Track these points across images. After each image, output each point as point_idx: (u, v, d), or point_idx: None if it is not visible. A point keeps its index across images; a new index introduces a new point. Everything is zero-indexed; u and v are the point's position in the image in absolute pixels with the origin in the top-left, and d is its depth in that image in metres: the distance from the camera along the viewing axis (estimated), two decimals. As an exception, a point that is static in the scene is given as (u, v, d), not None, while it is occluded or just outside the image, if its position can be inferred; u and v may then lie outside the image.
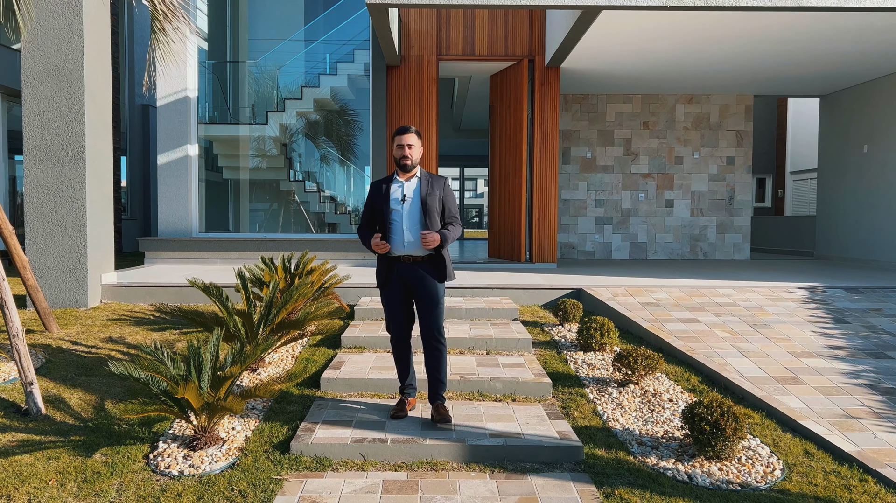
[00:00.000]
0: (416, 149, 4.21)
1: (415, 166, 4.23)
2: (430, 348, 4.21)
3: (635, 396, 4.80)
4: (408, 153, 4.18)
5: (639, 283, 8.13)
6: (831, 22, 7.96)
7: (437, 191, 4.19)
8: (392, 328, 4.33)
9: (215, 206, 11.85)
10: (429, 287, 4.17)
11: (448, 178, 4.35)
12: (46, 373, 5.04)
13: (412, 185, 4.21)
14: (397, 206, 4.16)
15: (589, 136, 12.45)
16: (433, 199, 4.17)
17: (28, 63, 7.11)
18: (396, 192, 4.21)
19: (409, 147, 4.17)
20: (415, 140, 4.20)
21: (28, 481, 3.42)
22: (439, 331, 4.19)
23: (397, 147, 4.21)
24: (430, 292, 4.18)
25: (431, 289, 4.18)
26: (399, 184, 4.23)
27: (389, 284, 4.24)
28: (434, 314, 4.17)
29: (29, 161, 7.14)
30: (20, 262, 5.90)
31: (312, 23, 12.28)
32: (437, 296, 4.19)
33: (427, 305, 4.18)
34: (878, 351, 5.64)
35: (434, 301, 4.18)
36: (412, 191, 4.19)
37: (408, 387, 4.42)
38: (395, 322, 4.29)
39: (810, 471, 3.66)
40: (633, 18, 7.87)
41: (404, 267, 4.18)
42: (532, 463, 3.77)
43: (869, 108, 11.43)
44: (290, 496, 3.32)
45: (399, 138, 4.19)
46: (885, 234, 11.02)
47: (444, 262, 4.18)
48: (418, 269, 4.17)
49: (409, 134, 4.20)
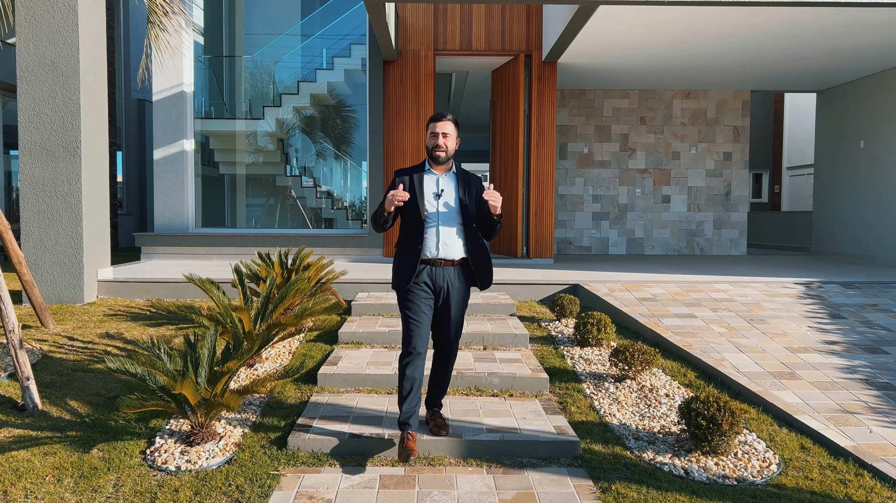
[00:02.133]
0: (451, 139, 3.73)
1: (450, 158, 3.76)
2: (444, 358, 3.91)
3: (632, 391, 4.81)
4: (442, 143, 3.69)
5: (636, 279, 8.14)
6: (829, 17, 7.96)
7: (473, 188, 3.77)
8: (415, 340, 3.67)
9: (212, 202, 11.83)
10: (461, 293, 3.78)
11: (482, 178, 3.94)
12: (43, 369, 5.03)
13: (449, 181, 3.75)
14: (432, 203, 3.69)
15: (586, 132, 12.44)
16: (469, 196, 3.74)
17: (23, 58, 7.08)
18: (431, 185, 3.72)
19: (444, 136, 3.69)
20: (451, 129, 3.72)
21: (25, 477, 3.42)
22: (458, 339, 3.90)
23: (431, 135, 3.72)
24: (462, 299, 3.79)
25: (463, 296, 3.80)
26: (433, 176, 3.75)
27: (416, 287, 3.72)
28: (460, 322, 3.83)
29: (24, 156, 7.11)
30: (16, 258, 5.89)
31: (309, 17, 12.25)
32: (466, 302, 3.84)
33: (455, 313, 3.79)
34: (873, 346, 5.66)
35: (463, 309, 3.82)
36: (449, 186, 3.74)
37: (411, 418, 3.72)
38: (421, 333, 3.69)
39: (806, 465, 3.67)
40: (630, 13, 7.86)
41: (437, 271, 3.72)
42: (529, 458, 3.78)
43: (866, 104, 11.44)
44: (288, 491, 3.33)
45: (433, 125, 3.71)
46: (881, 230, 11.05)
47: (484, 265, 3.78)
48: (452, 274, 3.74)
49: (444, 121, 3.70)
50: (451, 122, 3.71)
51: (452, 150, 3.74)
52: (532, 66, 10.25)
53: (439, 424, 3.91)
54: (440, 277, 3.71)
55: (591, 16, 7.81)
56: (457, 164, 3.84)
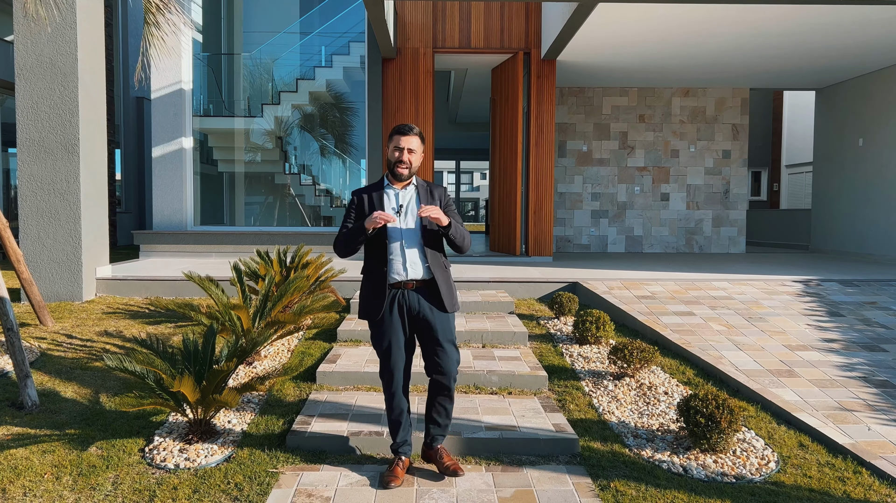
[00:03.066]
0: (416, 155, 3.39)
1: (413, 174, 3.44)
2: (441, 390, 3.44)
3: (631, 389, 4.81)
4: (406, 159, 3.35)
5: (634, 277, 8.14)
6: (828, 15, 7.96)
7: (436, 199, 3.43)
8: (392, 374, 3.43)
9: (210, 200, 11.82)
10: (441, 318, 3.37)
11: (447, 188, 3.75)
12: (41, 367, 5.03)
13: (409, 195, 3.42)
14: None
15: (585, 130, 12.44)
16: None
17: (21, 55, 7.06)
18: (390, 202, 3.41)
19: (409, 152, 3.35)
20: (417, 144, 3.37)
21: (23, 475, 3.42)
22: (453, 377, 3.41)
23: (394, 149, 3.36)
24: (444, 325, 3.37)
25: (444, 321, 3.38)
26: (392, 191, 3.43)
27: (387, 316, 3.37)
28: (450, 348, 3.38)
29: (23, 154, 7.10)
30: (14, 256, 5.88)
31: (307, 15, 12.24)
32: (451, 328, 3.41)
33: (440, 342, 3.35)
34: (872, 344, 5.66)
35: (449, 336, 3.39)
36: (410, 201, 3.41)
37: (403, 446, 3.52)
38: (395, 367, 3.42)
39: (805, 463, 3.68)
40: (628, 11, 7.85)
41: (408, 295, 3.37)
42: (528, 455, 3.78)
43: (864, 102, 11.44)
44: (286, 489, 3.32)
45: (398, 139, 3.35)
46: (879, 228, 11.06)
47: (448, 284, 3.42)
48: (425, 298, 3.38)
49: (410, 136, 3.35)
50: (418, 136, 3.38)
51: (416, 166, 3.42)
52: (531, 64, 10.24)
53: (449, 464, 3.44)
54: (413, 301, 3.37)
55: (589, 13, 7.81)
56: (418, 178, 3.52)
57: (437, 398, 3.46)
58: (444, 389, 3.42)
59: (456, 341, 3.44)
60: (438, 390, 3.44)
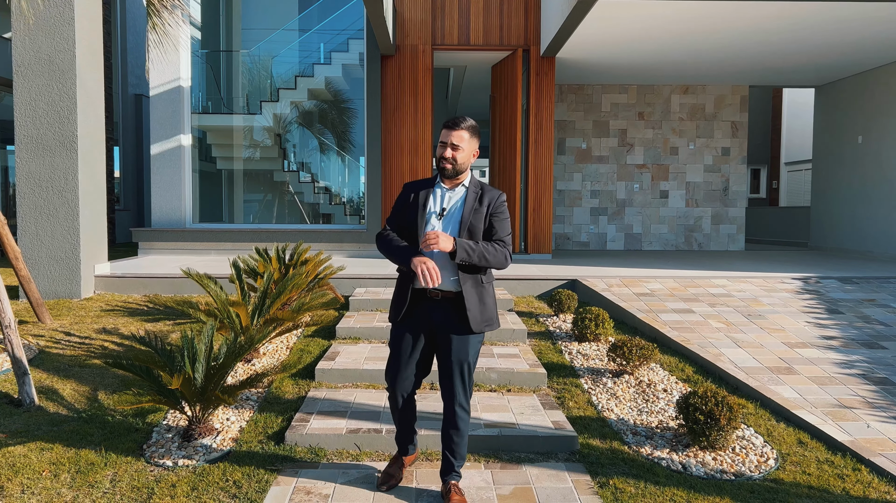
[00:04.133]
0: (463, 151, 3.06)
1: (460, 173, 3.10)
2: (450, 415, 3.15)
3: (630, 386, 4.81)
4: (450, 155, 3.05)
5: (633, 274, 8.14)
6: (828, 12, 7.94)
7: (485, 206, 3.08)
8: (399, 383, 3.18)
9: (209, 197, 11.81)
10: (461, 338, 3.07)
11: (505, 195, 3.22)
12: (39, 364, 5.02)
13: (456, 197, 3.12)
14: (433, 222, 3.10)
15: (584, 127, 12.43)
16: (478, 216, 3.08)
17: (19, 52, 7.04)
18: (435, 202, 3.13)
19: (453, 148, 3.05)
20: (465, 139, 3.06)
21: (21, 472, 3.41)
22: (466, 399, 3.14)
23: (441, 144, 3.09)
24: (461, 345, 3.07)
25: (464, 342, 3.07)
26: (441, 192, 3.15)
27: (408, 321, 3.14)
28: (465, 372, 3.09)
29: (21, 151, 7.08)
30: (12, 253, 5.87)
31: (306, 12, 12.21)
32: (469, 351, 3.08)
33: (455, 362, 3.08)
34: (871, 341, 5.66)
35: (465, 358, 3.08)
36: (454, 203, 3.12)
37: (405, 441, 3.42)
38: (403, 376, 3.17)
39: (804, 460, 3.68)
40: (628, 8, 7.84)
41: (432, 305, 3.09)
42: (527, 453, 3.78)
43: (863, 99, 11.44)
44: (285, 486, 3.32)
45: (444, 133, 3.09)
46: (878, 225, 11.06)
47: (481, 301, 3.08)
48: (450, 311, 3.07)
49: (458, 130, 3.06)
50: (467, 130, 3.07)
51: (464, 163, 3.08)
52: (530, 61, 10.22)
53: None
54: (435, 314, 3.09)
55: (589, 10, 7.79)
56: (473, 177, 3.21)
57: (447, 426, 3.18)
58: (449, 417, 3.15)
59: (472, 368, 3.11)
60: (446, 417, 3.17)
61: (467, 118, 3.12)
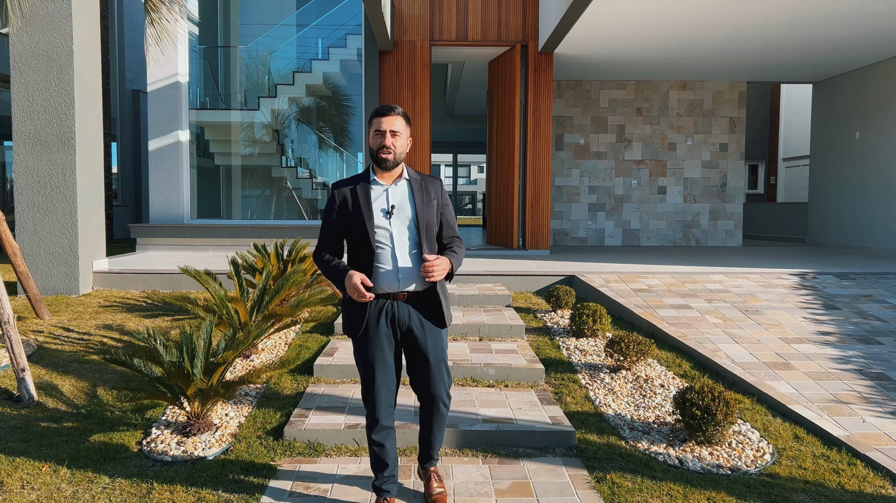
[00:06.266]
0: (401, 138, 2.89)
1: (399, 163, 2.92)
2: (429, 413, 3.03)
3: (627, 382, 4.83)
4: (390, 143, 2.84)
5: (631, 270, 8.15)
6: (826, 8, 7.95)
7: (433, 199, 2.95)
8: (379, 398, 2.92)
9: (207, 193, 11.79)
10: (434, 333, 2.94)
11: (442, 181, 3.11)
12: (38, 360, 5.03)
13: (401, 191, 2.91)
14: (383, 222, 2.86)
15: (582, 123, 12.43)
16: (430, 210, 2.92)
17: (17, 48, 7.03)
18: (380, 200, 2.89)
19: (392, 135, 2.85)
20: (401, 125, 2.88)
21: (21, 467, 3.42)
22: (447, 394, 3.01)
23: (375, 133, 2.87)
24: (437, 341, 2.94)
25: (437, 337, 2.95)
26: (381, 187, 2.91)
27: (373, 332, 2.89)
28: (441, 368, 2.95)
29: (19, 147, 7.08)
30: (10, 249, 5.87)
31: (304, 7, 12.19)
32: (444, 345, 3.00)
33: (433, 356, 2.92)
34: (867, 336, 5.68)
35: (442, 352, 2.97)
36: (403, 198, 2.91)
37: (388, 482, 3.05)
38: (384, 388, 2.92)
39: (800, 455, 3.70)
40: (626, 3, 7.84)
41: (398, 307, 2.89)
42: (524, 448, 3.79)
43: (861, 95, 11.45)
44: (284, 482, 3.34)
45: (377, 121, 2.87)
46: (876, 221, 11.08)
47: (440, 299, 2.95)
48: (417, 311, 2.92)
49: (392, 116, 2.87)
50: (401, 116, 2.89)
51: (402, 152, 2.90)
52: (528, 57, 10.22)
53: (435, 491, 3.11)
54: (403, 314, 2.89)
55: (587, 6, 7.79)
56: (409, 168, 3.00)
57: (426, 420, 3.06)
58: (433, 414, 3.01)
59: (447, 360, 3.02)
60: (426, 413, 3.04)
61: (396, 105, 2.98)
